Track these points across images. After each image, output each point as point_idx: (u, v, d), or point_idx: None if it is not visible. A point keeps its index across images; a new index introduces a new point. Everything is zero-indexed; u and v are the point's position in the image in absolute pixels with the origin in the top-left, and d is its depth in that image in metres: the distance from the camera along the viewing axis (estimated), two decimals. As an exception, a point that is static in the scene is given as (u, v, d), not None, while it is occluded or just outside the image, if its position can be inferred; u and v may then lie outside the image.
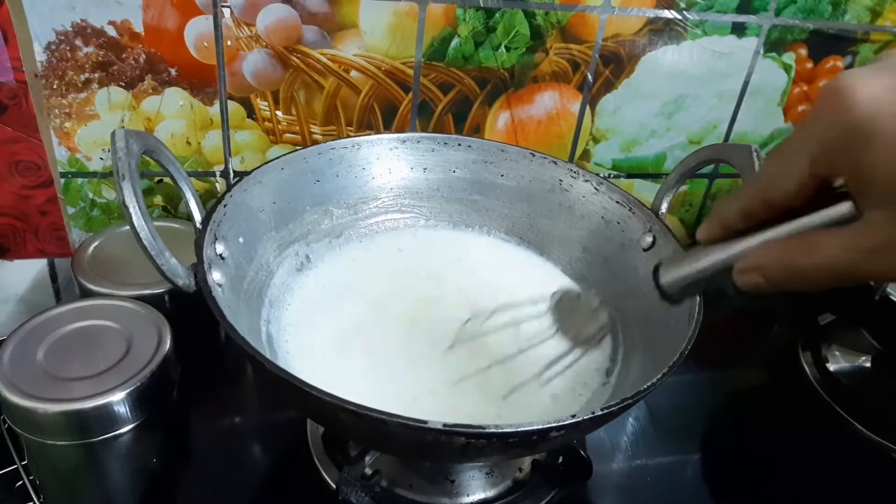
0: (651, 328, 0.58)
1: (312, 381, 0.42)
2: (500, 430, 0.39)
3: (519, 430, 0.39)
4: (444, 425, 0.38)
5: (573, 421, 0.40)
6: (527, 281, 0.69)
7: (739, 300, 0.82)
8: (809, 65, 0.86)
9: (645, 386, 0.43)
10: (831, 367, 0.77)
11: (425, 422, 0.38)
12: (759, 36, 0.82)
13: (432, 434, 0.39)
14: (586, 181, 0.69)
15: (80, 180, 0.74)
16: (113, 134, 0.48)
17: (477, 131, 0.81)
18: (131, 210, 0.46)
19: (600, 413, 0.41)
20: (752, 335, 0.88)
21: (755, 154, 0.57)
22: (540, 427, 0.39)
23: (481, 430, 0.39)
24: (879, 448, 0.70)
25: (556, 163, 0.70)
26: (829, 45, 0.85)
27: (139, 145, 0.49)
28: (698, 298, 0.53)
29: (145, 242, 0.47)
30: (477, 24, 0.74)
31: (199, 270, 0.50)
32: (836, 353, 0.79)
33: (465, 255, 0.72)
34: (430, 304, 0.66)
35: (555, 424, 0.39)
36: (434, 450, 0.43)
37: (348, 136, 0.77)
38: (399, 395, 0.56)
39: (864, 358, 0.79)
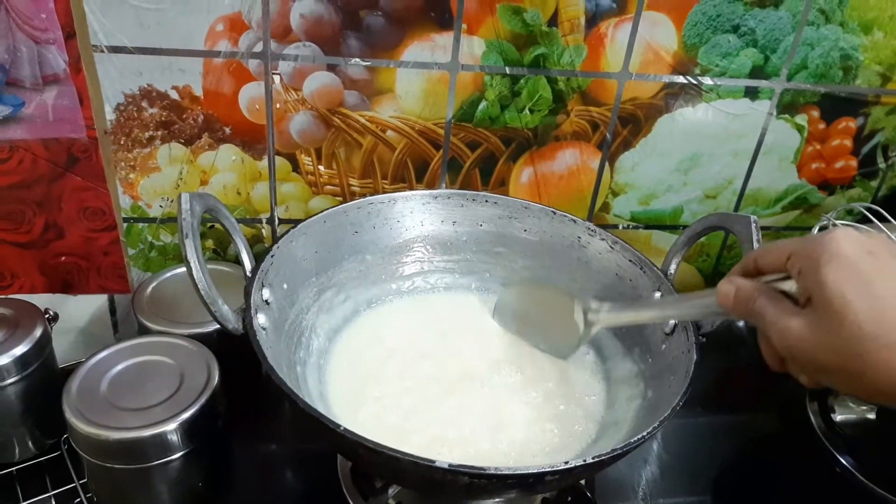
0: (657, 380, 0.63)
1: (345, 422, 0.47)
2: (498, 472, 0.44)
3: (516, 472, 0.44)
4: (450, 465, 0.43)
5: (566, 467, 0.45)
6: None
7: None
8: (822, 125, 0.89)
9: (634, 439, 0.48)
10: (836, 417, 0.79)
11: (433, 461, 0.44)
12: (772, 99, 0.86)
13: (439, 472, 0.44)
14: (602, 240, 0.73)
15: (140, 225, 0.81)
16: (179, 197, 0.55)
17: (502, 185, 0.87)
18: (192, 264, 0.53)
19: (591, 461, 0.46)
20: (764, 383, 0.90)
21: (754, 225, 0.61)
22: (535, 471, 0.44)
23: (482, 472, 0.44)
24: (879, 499, 0.71)
25: (575, 221, 0.75)
26: (840, 107, 0.88)
27: (201, 206, 0.56)
28: (695, 357, 0.57)
29: (202, 292, 0.54)
30: (503, 89, 0.80)
31: (246, 316, 0.56)
32: (842, 404, 0.81)
33: (489, 304, 0.76)
34: (460, 352, 0.71)
35: (549, 469, 0.44)
36: (442, 486, 0.48)
37: (384, 190, 0.83)
38: (423, 438, 0.61)
39: (868, 408, 0.81)
